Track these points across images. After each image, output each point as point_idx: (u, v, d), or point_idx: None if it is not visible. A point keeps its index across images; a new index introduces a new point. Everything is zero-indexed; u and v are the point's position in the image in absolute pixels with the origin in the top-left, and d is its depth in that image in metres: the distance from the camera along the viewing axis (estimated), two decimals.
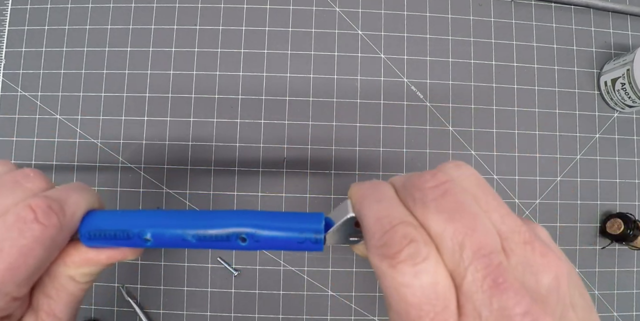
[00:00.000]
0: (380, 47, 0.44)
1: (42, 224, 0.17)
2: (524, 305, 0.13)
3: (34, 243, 0.16)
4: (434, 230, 0.15)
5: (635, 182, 0.43)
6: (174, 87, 0.43)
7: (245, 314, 0.41)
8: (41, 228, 0.16)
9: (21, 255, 0.16)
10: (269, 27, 0.43)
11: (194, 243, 0.19)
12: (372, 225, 0.16)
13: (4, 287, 0.16)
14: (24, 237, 0.16)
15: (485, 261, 0.14)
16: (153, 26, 0.43)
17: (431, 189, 0.15)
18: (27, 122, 0.42)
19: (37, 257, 0.17)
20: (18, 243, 0.16)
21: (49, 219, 0.17)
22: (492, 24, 0.44)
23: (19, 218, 0.16)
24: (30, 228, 0.16)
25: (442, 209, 0.15)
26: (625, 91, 0.41)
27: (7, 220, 0.16)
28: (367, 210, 0.16)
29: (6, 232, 0.16)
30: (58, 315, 0.19)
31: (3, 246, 0.16)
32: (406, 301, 0.14)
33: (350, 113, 0.43)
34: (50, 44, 0.43)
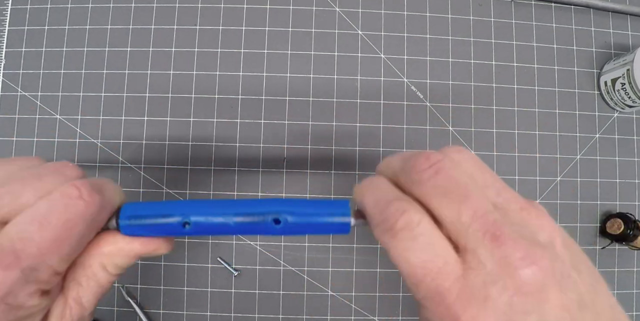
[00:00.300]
0: (380, 47, 0.44)
1: (85, 201, 0.18)
2: (522, 250, 0.15)
3: (78, 218, 0.17)
4: (432, 205, 0.17)
5: (635, 182, 0.43)
6: (174, 87, 0.43)
7: (245, 314, 0.41)
8: (85, 205, 0.18)
9: (66, 229, 0.17)
10: (269, 27, 0.43)
11: (233, 227, 0.20)
12: (371, 208, 0.18)
13: (49, 258, 0.17)
14: (69, 211, 0.17)
15: (482, 220, 0.16)
16: (153, 26, 0.43)
17: (425, 170, 0.17)
18: (27, 122, 0.42)
19: (80, 233, 0.18)
20: (64, 216, 0.17)
21: (91, 197, 0.18)
22: (492, 24, 0.44)
23: (64, 195, 0.18)
24: (75, 204, 0.17)
25: (437, 185, 0.17)
26: (625, 91, 0.41)
27: (53, 197, 0.18)
28: (366, 198, 0.19)
29: (52, 207, 0.17)
30: (84, 303, 0.20)
31: (50, 219, 0.17)
32: (410, 263, 0.16)
33: (350, 113, 0.43)
34: (50, 44, 0.43)
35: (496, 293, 0.14)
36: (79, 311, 0.20)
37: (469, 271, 0.15)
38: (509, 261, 0.15)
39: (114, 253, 0.20)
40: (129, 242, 0.20)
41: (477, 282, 0.15)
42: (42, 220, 0.17)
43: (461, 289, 0.15)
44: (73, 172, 0.20)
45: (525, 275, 0.14)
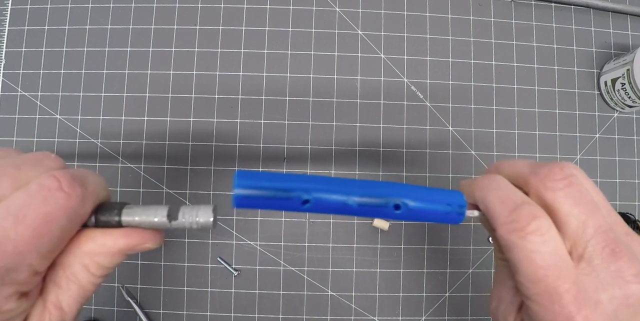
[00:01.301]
0: (380, 47, 0.44)
1: (66, 193, 0.16)
2: (636, 268, 0.17)
3: (58, 211, 0.16)
4: (561, 212, 0.19)
5: (635, 182, 0.43)
6: (174, 87, 0.43)
7: (245, 314, 0.41)
8: (65, 197, 0.16)
9: (45, 222, 0.16)
10: (269, 27, 0.43)
11: (355, 208, 0.19)
12: (497, 206, 0.19)
13: (27, 257, 0.16)
14: (47, 204, 0.16)
15: (604, 236, 0.18)
16: (153, 26, 0.43)
17: (560, 180, 0.19)
18: (27, 122, 0.42)
19: (61, 227, 0.16)
20: (42, 209, 0.16)
21: (73, 189, 0.17)
22: (492, 24, 0.44)
23: (42, 187, 0.16)
24: (54, 196, 0.16)
25: (570, 195, 0.19)
26: (625, 91, 0.41)
27: (30, 188, 0.16)
28: (489, 196, 0.20)
29: (29, 199, 0.16)
30: (64, 307, 0.18)
31: (27, 212, 0.16)
32: (535, 263, 0.17)
33: (350, 113, 0.43)
34: (50, 43, 0.43)
35: (606, 299, 0.17)
36: (59, 316, 0.18)
37: (583, 277, 0.17)
38: (623, 275, 0.17)
39: (96, 251, 0.18)
40: (110, 236, 0.18)
41: (590, 287, 0.17)
42: (18, 214, 0.15)
43: (577, 292, 0.17)
44: (53, 163, 0.18)
45: (635, 289, 0.17)
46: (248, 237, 0.41)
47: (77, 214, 0.17)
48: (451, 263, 0.42)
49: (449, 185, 0.42)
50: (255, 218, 0.41)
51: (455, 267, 0.42)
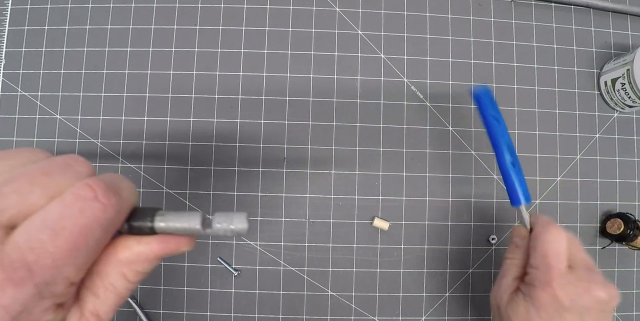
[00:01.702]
0: (380, 47, 0.44)
1: (102, 203, 0.16)
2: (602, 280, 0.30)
3: (95, 223, 0.16)
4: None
5: (635, 182, 0.43)
6: (174, 87, 0.43)
7: (245, 314, 0.41)
8: (101, 208, 0.16)
9: (82, 235, 0.15)
10: (269, 27, 0.43)
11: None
12: (553, 257, 0.31)
13: (65, 270, 0.15)
14: (84, 216, 0.15)
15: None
16: (153, 26, 0.43)
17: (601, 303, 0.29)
18: (27, 122, 0.42)
19: (96, 238, 0.16)
20: (79, 222, 0.15)
21: (108, 198, 0.16)
22: (492, 24, 0.44)
23: (78, 197, 0.16)
24: (90, 207, 0.16)
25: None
26: (625, 91, 0.41)
27: (66, 199, 0.15)
28: (559, 248, 0.31)
29: (66, 210, 0.15)
30: (102, 315, 0.18)
31: (65, 224, 0.15)
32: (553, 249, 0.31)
33: (350, 113, 0.43)
34: (50, 44, 0.43)
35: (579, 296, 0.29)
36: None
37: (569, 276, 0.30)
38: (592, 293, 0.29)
39: (133, 259, 0.18)
40: (147, 244, 0.18)
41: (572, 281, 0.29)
42: (55, 227, 0.15)
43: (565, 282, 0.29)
44: (83, 168, 0.17)
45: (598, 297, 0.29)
46: (248, 237, 0.41)
47: (113, 224, 0.17)
48: (451, 263, 0.42)
49: (449, 185, 0.42)
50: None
51: (455, 267, 0.42)
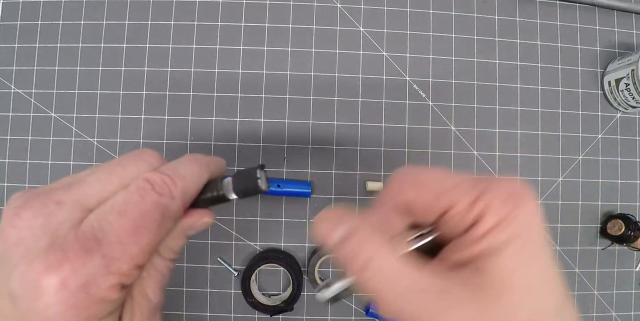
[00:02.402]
0: (382, 44, 0.43)
1: (158, 193, 0.19)
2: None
3: (153, 206, 0.18)
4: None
5: (636, 183, 0.43)
6: (171, 85, 0.42)
7: (245, 314, 0.41)
8: (157, 196, 0.19)
9: (142, 216, 0.18)
10: (268, 23, 0.43)
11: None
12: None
13: (129, 248, 0.17)
14: (144, 201, 0.18)
15: None
16: (150, 22, 0.42)
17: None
18: (21, 120, 0.41)
19: (156, 222, 0.18)
20: (140, 206, 0.18)
21: (162, 189, 0.19)
22: (496, 22, 0.44)
23: (138, 188, 0.19)
24: (148, 195, 0.18)
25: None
26: (629, 91, 0.40)
27: (130, 189, 0.19)
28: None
29: (129, 197, 0.18)
30: (150, 295, 0.20)
31: (128, 208, 0.18)
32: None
33: (352, 112, 0.42)
34: (44, 39, 0.42)
35: None
36: (147, 305, 0.20)
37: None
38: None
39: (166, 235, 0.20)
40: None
41: None
42: (120, 210, 0.18)
43: None
44: (151, 157, 0.21)
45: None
46: (248, 237, 0.41)
47: (169, 211, 0.19)
48: None
49: None
50: (255, 218, 0.41)
51: None
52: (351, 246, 0.17)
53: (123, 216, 0.18)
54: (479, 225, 0.16)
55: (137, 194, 0.18)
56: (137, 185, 0.19)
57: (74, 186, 0.19)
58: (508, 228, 0.16)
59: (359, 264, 0.17)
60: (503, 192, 0.17)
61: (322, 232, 0.18)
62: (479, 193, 0.17)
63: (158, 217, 0.19)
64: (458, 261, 0.17)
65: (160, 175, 0.19)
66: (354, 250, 0.17)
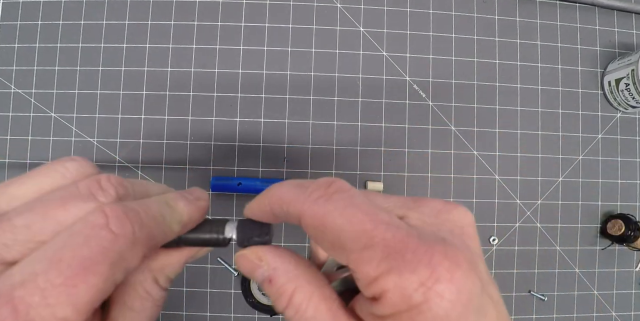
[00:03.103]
0: (382, 44, 0.43)
1: (111, 232, 0.13)
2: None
3: (100, 254, 0.13)
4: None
5: (636, 183, 0.43)
6: (171, 85, 0.42)
7: (245, 314, 0.40)
8: (110, 238, 0.13)
9: (83, 269, 0.13)
10: (268, 23, 0.43)
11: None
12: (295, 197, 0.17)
13: (61, 311, 0.12)
14: (87, 245, 0.13)
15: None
16: (150, 22, 0.42)
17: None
18: (21, 120, 0.41)
19: (102, 274, 0.13)
20: (79, 253, 0.13)
21: (122, 227, 0.14)
22: (496, 22, 0.44)
23: (86, 224, 0.13)
24: (96, 235, 0.13)
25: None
26: (629, 91, 0.40)
27: (74, 226, 0.13)
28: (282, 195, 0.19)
29: (69, 239, 0.13)
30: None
31: (62, 254, 0.13)
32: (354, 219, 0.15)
33: (352, 112, 0.42)
34: (44, 39, 0.42)
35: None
36: None
37: None
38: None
39: (166, 263, 0.18)
40: (177, 251, 0.18)
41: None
42: (52, 258, 0.13)
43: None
44: (111, 193, 0.15)
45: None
46: None
47: (123, 257, 0.14)
48: None
49: (450, 186, 0.42)
50: None
51: None
52: (276, 287, 0.16)
53: (55, 266, 0.12)
54: (381, 304, 0.13)
55: (80, 235, 0.13)
56: (85, 219, 0.14)
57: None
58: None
59: (284, 304, 0.15)
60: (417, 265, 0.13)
61: (244, 269, 0.17)
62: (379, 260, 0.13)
63: (106, 269, 0.13)
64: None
65: (122, 205, 0.14)
66: (279, 291, 0.16)
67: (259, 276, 0.16)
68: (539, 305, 0.42)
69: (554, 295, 0.42)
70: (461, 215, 0.16)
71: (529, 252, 0.42)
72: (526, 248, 0.42)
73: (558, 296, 0.42)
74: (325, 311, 0.15)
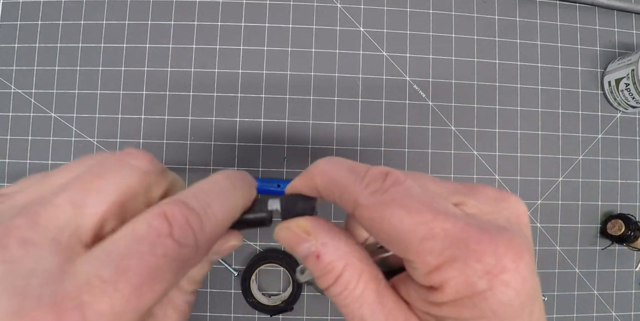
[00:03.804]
0: (382, 44, 0.43)
1: (176, 242, 0.13)
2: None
3: (167, 263, 0.13)
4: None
5: (636, 183, 0.43)
6: (171, 85, 0.42)
7: (245, 314, 0.41)
8: (175, 247, 0.13)
9: (148, 277, 0.12)
10: (268, 23, 0.43)
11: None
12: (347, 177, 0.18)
13: (125, 316, 0.12)
14: (154, 255, 0.12)
15: None
16: (150, 22, 0.42)
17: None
18: (21, 120, 0.41)
19: (167, 282, 0.13)
20: (149, 261, 0.12)
21: (184, 235, 0.13)
22: (496, 22, 0.44)
23: (150, 230, 0.13)
24: (163, 244, 0.13)
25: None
26: (629, 91, 0.40)
27: (137, 233, 0.13)
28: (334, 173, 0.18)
29: (134, 246, 0.12)
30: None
31: (130, 262, 0.12)
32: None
33: (352, 112, 0.42)
34: (44, 39, 0.42)
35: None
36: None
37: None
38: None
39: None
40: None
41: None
42: (119, 264, 0.12)
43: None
44: (140, 161, 0.15)
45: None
46: (248, 237, 0.41)
47: (186, 263, 0.14)
48: None
49: None
50: None
51: None
52: (323, 264, 0.15)
53: (122, 274, 0.12)
54: (441, 292, 0.13)
55: (146, 242, 0.13)
56: (149, 224, 0.13)
57: (41, 212, 0.13)
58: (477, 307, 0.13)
59: (331, 281, 0.15)
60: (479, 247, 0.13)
61: (287, 242, 0.16)
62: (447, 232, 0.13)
63: (169, 276, 0.13)
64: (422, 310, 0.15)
65: (183, 209, 0.14)
66: (327, 268, 0.15)
67: (303, 251, 0.16)
68: None
69: (554, 295, 0.42)
70: (517, 203, 0.16)
71: None
72: None
73: (558, 296, 0.42)
74: (374, 291, 0.15)
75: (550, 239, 0.42)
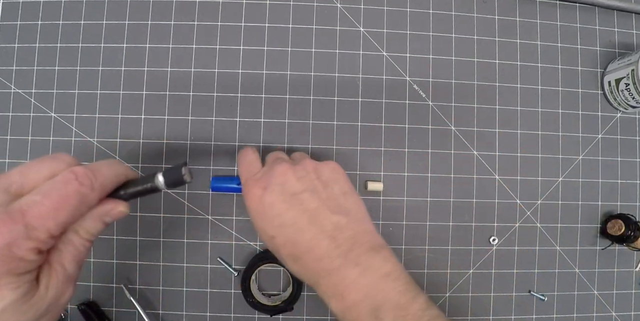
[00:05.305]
0: (382, 44, 0.43)
1: (79, 182, 0.24)
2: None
3: (73, 193, 0.24)
4: None
5: (636, 183, 0.43)
6: (171, 85, 0.42)
7: (245, 314, 0.41)
8: (78, 185, 0.24)
9: (62, 200, 0.23)
10: (268, 23, 0.43)
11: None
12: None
13: (47, 222, 0.23)
14: (65, 189, 0.24)
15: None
16: (150, 22, 0.42)
17: None
18: (21, 120, 0.41)
19: (73, 205, 0.24)
20: (62, 191, 0.24)
21: (83, 180, 0.24)
22: (496, 22, 0.44)
23: (64, 178, 0.24)
24: (71, 183, 0.24)
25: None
26: (629, 91, 0.40)
27: (56, 179, 0.24)
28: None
29: (54, 185, 0.24)
30: (65, 265, 0.25)
31: (51, 192, 0.23)
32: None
33: (352, 112, 0.42)
34: (44, 39, 0.42)
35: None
36: (63, 272, 0.25)
37: None
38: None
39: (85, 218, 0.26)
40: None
41: None
42: (44, 193, 0.23)
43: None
44: (67, 158, 0.26)
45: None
46: (248, 237, 0.41)
47: (86, 198, 0.25)
48: (452, 264, 0.42)
49: (450, 186, 0.42)
50: None
51: (456, 267, 0.42)
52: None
53: (46, 197, 0.23)
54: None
55: (61, 182, 0.24)
56: (64, 174, 0.24)
57: (1, 178, 0.24)
58: None
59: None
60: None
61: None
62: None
63: (75, 203, 0.24)
64: None
65: (83, 168, 0.25)
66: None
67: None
68: (539, 305, 0.42)
69: (554, 295, 0.42)
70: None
71: (529, 252, 0.42)
72: (526, 248, 0.42)
73: (558, 296, 0.42)
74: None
75: (550, 239, 0.42)
